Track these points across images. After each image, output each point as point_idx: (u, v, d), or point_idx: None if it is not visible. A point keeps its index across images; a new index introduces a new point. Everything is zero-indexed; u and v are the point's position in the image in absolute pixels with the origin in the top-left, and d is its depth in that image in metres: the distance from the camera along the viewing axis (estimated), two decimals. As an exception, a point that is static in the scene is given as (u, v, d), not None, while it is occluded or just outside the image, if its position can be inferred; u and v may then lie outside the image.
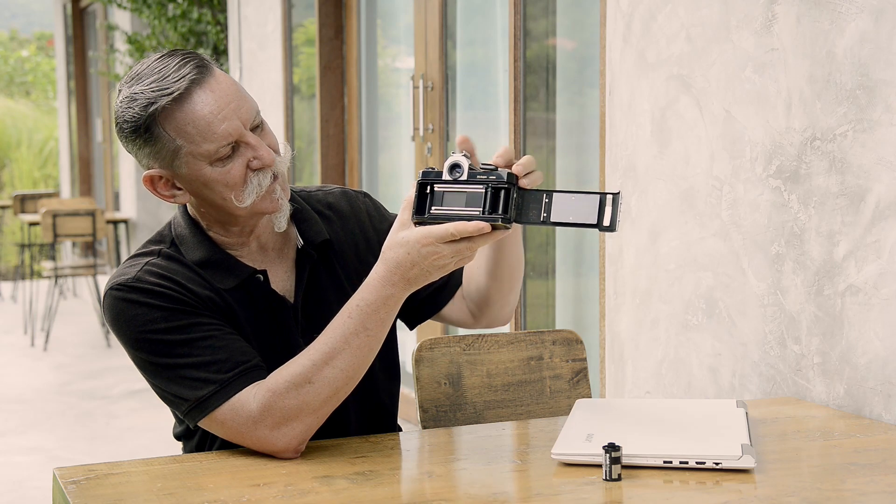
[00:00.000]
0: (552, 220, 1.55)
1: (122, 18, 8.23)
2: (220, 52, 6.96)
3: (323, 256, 1.85)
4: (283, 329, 1.79)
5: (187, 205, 1.82)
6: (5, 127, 15.11)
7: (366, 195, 1.97)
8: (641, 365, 2.75)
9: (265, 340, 1.77)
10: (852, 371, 2.09)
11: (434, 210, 1.57)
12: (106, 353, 7.37)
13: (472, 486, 1.54)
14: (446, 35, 4.27)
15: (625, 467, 1.56)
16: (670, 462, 1.57)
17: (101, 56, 9.02)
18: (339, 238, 1.88)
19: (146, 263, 1.74)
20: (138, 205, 8.22)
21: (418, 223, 1.58)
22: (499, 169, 1.57)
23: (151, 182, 1.75)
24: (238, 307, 1.76)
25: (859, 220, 2.07)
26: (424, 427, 2.04)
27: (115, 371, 6.78)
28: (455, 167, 1.57)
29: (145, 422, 5.55)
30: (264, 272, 1.79)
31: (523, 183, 1.58)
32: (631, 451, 1.57)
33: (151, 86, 1.67)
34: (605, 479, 1.53)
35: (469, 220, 1.54)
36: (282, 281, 1.82)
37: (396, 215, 1.96)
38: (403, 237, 1.58)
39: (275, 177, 1.74)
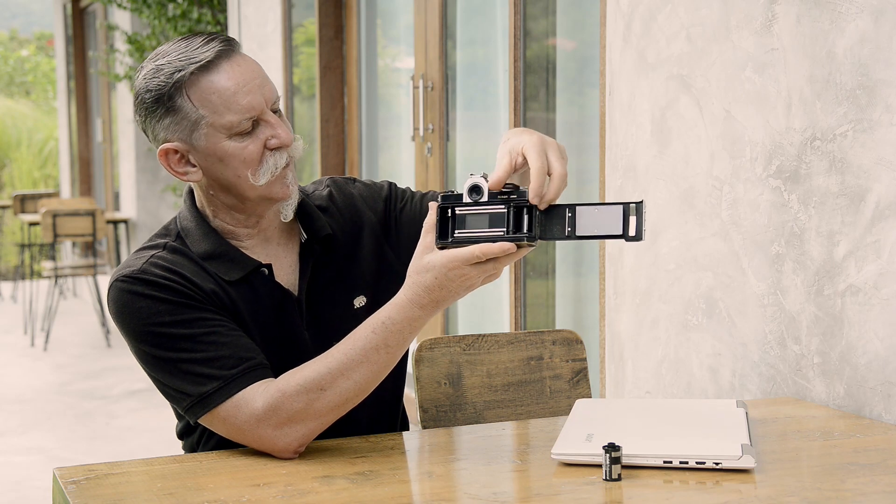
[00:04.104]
0: (577, 234, 1.55)
1: (122, 18, 8.24)
2: (220, 52, 6.95)
3: (326, 250, 1.86)
4: (287, 322, 1.80)
5: (195, 196, 1.83)
6: (5, 127, 15.12)
7: (354, 180, 1.98)
8: (641, 365, 2.75)
9: (269, 334, 1.78)
10: (852, 371, 2.09)
11: (457, 234, 1.57)
12: (106, 353, 7.37)
13: (472, 486, 1.54)
14: (446, 35, 4.27)
15: (625, 467, 1.56)
16: (670, 462, 1.57)
17: (101, 56, 9.02)
18: (340, 230, 1.89)
19: (152, 256, 1.75)
20: (138, 205, 8.22)
21: (442, 247, 1.58)
22: (520, 187, 1.57)
23: (166, 156, 1.75)
24: (242, 301, 1.76)
25: (859, 220, 2.07)
26: (424, 427, 2.04)
27: (115, 371, 6.78)
28: (475, 189, 1.57)
29: (145, 422, 5.55)
30: (269, 266, 1.80)
31: (548, 199, 1.56)
32: (631, 451, 1.57)
33: (179, 55, 1.70)
34: (605, 479, 1.53)
35: (494, 241, 1.54)
36: (286, 274, 1.83)
37: (386, 185, 1.97)
38: (429, 261, 1.58)
39: (288, 162, 1.75)
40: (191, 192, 1.85)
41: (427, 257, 1.58)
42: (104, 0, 7.59)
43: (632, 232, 1.53)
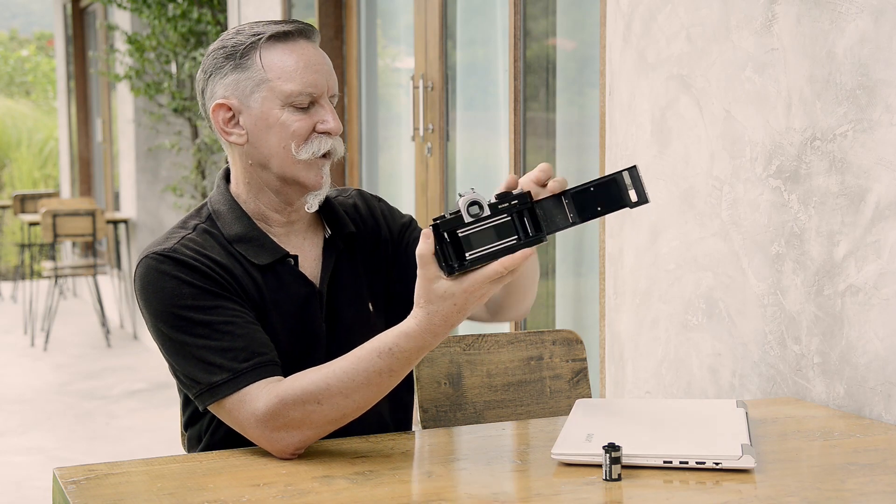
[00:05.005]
0: (581, 217, 1.54)
1: (122, 18, 8.24)
2: (220, 52, 6.94)
3: (348, 248, 1.90)
4: (307, 313, 1.82)
5: (230, 179, 1.87)
6: (5, 127, 15.11)
7: (379, 199, 2.02)
8: (641, 365, 2.75)
9: (289, 323, 1.81)
10: (852, 371, 2.09)
11: (469, 255, 1.52)
12: (106, 353, 7.37)
13: (472, 486, 1.54)
14: (446, 35, 4.27)
15: (625, 467, 1.56)
16: (670, 462, 1.57)
17: (101, 56, 9.02)
18: (361, 235, 1.93)
19: (183, 237, 1.78)
20: (138, 205, 8.22)
21: (460, 273, 1.53)
22: (511, 192, 1.55)
23: (217, 112, 1.80)
24: (267, 287, 1.80)
25: (859, 220, 2.07)
26: (424, 427, 2.04)
27: (115, 371, 6.78)
28: (474, 205, 1.53)
29: (145, 422, 5.55)
30: (296, 257, 1.83)
31: (552, 187, 1.56)
32: (631, 451, 1.57)
33: (263, 24, 1.79)
34: (605, 479, 1.53)
35: (511, 250, 1.52)
36: (310, 267, 1.86)
37: (408, 216, 2.00)
38: (446, 289, 1.54)
39: (329, 154, 1.81)
40: (225, 176, 1.89)
41: (440, 286, 1.54)
42: (104, 0, 7.59)
43: (634, 198, 1.51)
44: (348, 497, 1.48)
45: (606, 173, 1.53)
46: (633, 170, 1.51)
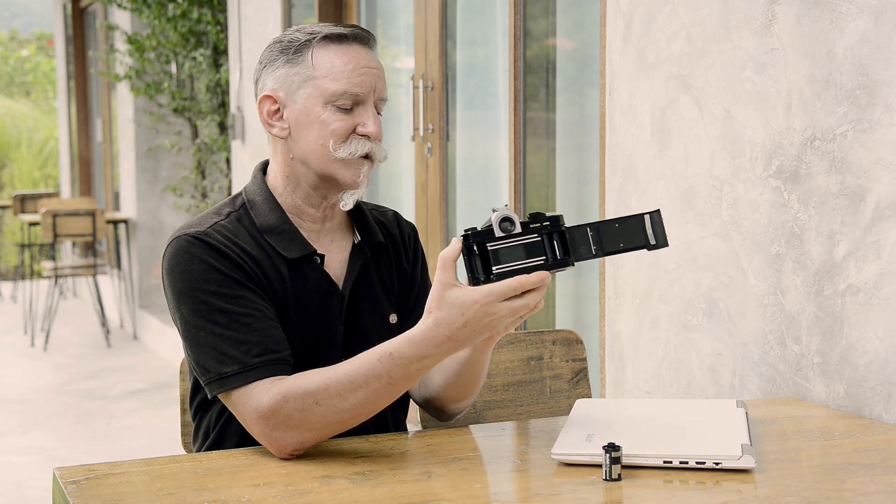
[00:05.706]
0: (605, 251, 1.56)
1: (122, 18, 8.24)
2: (220, 52, 6.95)
3: (375, 257, 1.91)
4: (326, 312, 1.83)
5: (267, 171, 1.88)
6: (5, 127, 15.11)
7: (413, 228, 2.03)
8: (641, 365, 2.75)
9: (307, 319, 1.82)
10: (852, 371, 2.09)
11: (496, 270, 1.52)
12: (106, 353, 7.37)
13: (472, 486, 1.54)
14: (446, 35, 4.27)
15: (625, 467, 1.56)
16: (670, 462, 1.57)
17: (101, 56, 9.02)
18: (387, 250, 1.95)
19: (216, 223, 1.80)
20: (138, 205, 8.22)
21: (484, 284, 1.53)
22: (544, 213, 1.56)
23: (264, 103, 1.83)
24: (291, 282, 1.81)
25: (859, 220, 2.07)
26: (424, 427, 2.04)
27: (115, 371, 6.78)
28: (507, 220, 1.53)
29: (145, 422, 5.55)
30: (322, 256, 1.85)
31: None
32: (631, 451, 1.57)
33: (322, 24, 1.82)
34: (605, 479, 1.53)
35: (535, 270, 1.52)
36: (335, 268, 1.87)
37: (434, 266, 2.00)
38: (456, 297, 1.54)
39: (370, 157, 1.81)
40: (262, 168, 1.91)
41: (451, 292, 1.54)
42: (104, 0, 7.59)
43: (653, 241, 1.57)
44: (348, 497, 1.48)
45: (633, 213, 1.57)
46: (655, 214, 1.57)
